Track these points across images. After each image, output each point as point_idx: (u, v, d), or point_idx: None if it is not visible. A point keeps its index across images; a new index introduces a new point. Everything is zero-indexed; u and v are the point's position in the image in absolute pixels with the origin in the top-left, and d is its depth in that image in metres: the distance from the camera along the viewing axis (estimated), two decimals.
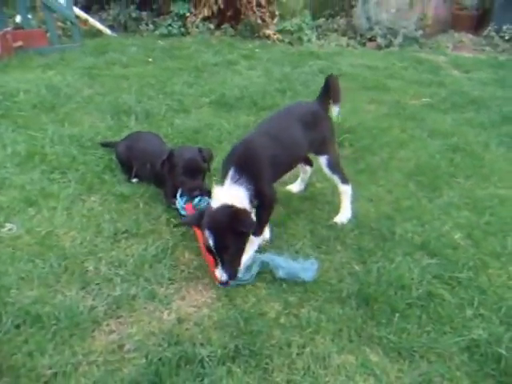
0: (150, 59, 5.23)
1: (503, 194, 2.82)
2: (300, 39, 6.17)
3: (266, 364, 1.62)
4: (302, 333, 1.75)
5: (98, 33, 6.09)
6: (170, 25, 6.26)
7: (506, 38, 6.56)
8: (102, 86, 4.28)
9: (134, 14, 6.37)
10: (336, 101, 2.43)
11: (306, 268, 2.03)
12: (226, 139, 3.26)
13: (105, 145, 3.07)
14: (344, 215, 2.46)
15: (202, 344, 1.68)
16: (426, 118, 3.93)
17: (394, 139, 3.47)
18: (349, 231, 2.36)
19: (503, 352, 1.68)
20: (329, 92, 2.41)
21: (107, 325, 1.76)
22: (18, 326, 1.71)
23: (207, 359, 1.61)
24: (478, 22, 6.97)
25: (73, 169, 2.80)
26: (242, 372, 1.58)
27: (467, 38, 6.68)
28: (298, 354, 1.66)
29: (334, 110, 2.44)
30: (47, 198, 2.52)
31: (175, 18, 6.32)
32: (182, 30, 6.31)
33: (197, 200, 2.38)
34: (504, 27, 6.61)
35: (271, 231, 2.30)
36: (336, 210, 2.51)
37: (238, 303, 1.89)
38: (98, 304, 1.83)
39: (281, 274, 2.00)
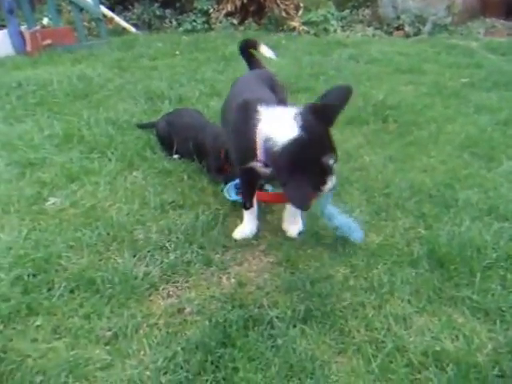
0: (177, 52, 5.19)
1: None
2: (326, 30, 6.07)
3: (342, 325, 1.48)
4: (376, 294, 1.60)
5: (123, 31, 6.11)
6: (193, 20, 6.25)
7: None
8: (133, 75, 4.24)
9: (157, 12, 6.39)
10: None
11: (356, 227, 1.89)
12: None
13: (142, 126, 3.00)
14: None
15: (268, 306, 1.55)
16: (469, 96, 3.76)
17: (439, 115, 3.31)
18: (407, 199, 2.21)
19: None
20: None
21: (164, 289, 1.65)
22: (72, 291, 1.62)
23: (277, 320, 1.48)
24: (509, 7, 6.76)
25: (112, 148, 2.72)
26: (317, 333, 1.44)
27: (499, 22, 6.48)
28: (374, 315, 1.51)
29: None
30: (89, 174, 2.44)
31: (199, 15, 6.31)
32: (206, 25, 6.29)
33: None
34: None
35: None
36: (389, 180, 2.36)
37: (300, 267, 1.76)
38: (152, 270, 1.73)
39: (336, 222, 1.85)
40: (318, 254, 1.84)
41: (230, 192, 2.21)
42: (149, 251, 1.84)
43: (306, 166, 1.48)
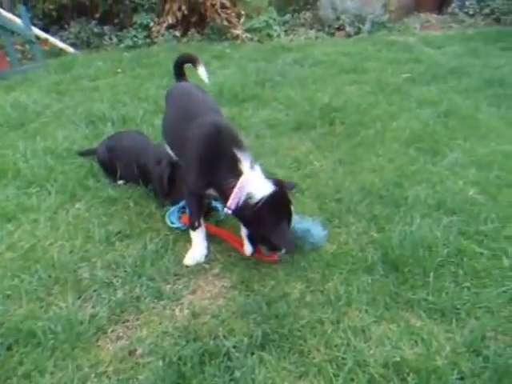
0: (119, 70, 5.03)
1: (506, 150, 2.73)
2: (269, 36, 6.10)
3: (301, 346, 1.43)
4: (333, 308, 1.57)
5: (61, 52, 5.87)
6: (134, 36, 6.09)
7: (471, 12, 6.65)
8: (72, 99, 4.06)
9: (95, 30, 6.19)
10: None
11: (317, 223, 1.92)
12: None
13: (84, 153, 2.85)
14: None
15: (224, 336, 1.47)
16: (411, 91, 3.86)
17: (383, 112, 3.37)
18: (358, 202, 2.21)
19: None
20: None
21: (113, 331, 1.54)
22: (9, 348, 1.47)
23: (233, 350, 1.41)
24: (441, 2, 7.05)
25: (51, 180, 2.56)
26: (276, 358, 1.38)
27: (432, 17, 6.74)
28: (333, 331, 1.48)
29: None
30: (26, 211, 2.28)
31: (139, 29, 6.16)
32: (148, 40, 6.15)
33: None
34: (467, 3, 6.71)
35: None
36: (340, 185, 2.36)
37: (255, 288, 1.70)
38: (99, 311, 1.61)
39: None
40: (272, 271, 1.79)
41: (172, 218, 2.13)
42: (95, 290, 1.72)
43: (284, 214, 1.70)
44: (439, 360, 1.36)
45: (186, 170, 1.92)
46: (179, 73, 2.43)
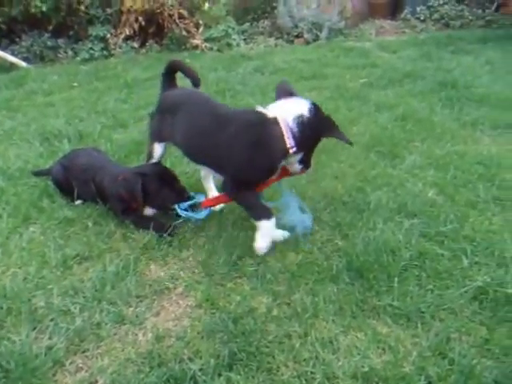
0: (75, 84, 4.88)
1: (460, 150, 2.82)
2: (229, 45, 6.09)
3: (269, 363, 1.40)
4: (300, 321, 1.55)
5: (12, 67, 5.63)
6: (91, 48, 5.93)
7: (422, 18, 6.90)
8: (25, 115, 3.89)
9: (49, 43, 5.97)
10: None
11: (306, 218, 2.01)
12: None
13: (38, 173, 2.72)
14: None
15: (190, 359, 1.42)
16: (369, 96, 3.94)
17: (343, 118, 3.40)
18: (322, 210, 2.21)
19: (511, 291, 1.58)
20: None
21: (71, 363, 1.46)
22: None
23: (200, 374, 1.36)
24: (394, 8, 7.29)
25: (2, 202, 2.43)
26: (244, 378, 1.35)
27: (386, 23, 6.96)
28: (301, 345, 1.45)
29: None
30: None
31: (95, 42, 6.01)
32: (105, 52, 6.01)
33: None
34: (418, 9, 6.95)
35: None
36: (304, 193, 2.36)
37: (221, 305, 1.65)
38: (56, 342, 1.52)
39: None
40: (238, 286, 1.75)
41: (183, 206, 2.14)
42: (51, 320, 1.63)
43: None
44: (407, 366, 1.36)
45: (231, 174, 1.91)
46: (170, 80, 2.28)
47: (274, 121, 1.80)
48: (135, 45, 6.17)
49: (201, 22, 6.18)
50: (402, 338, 1.46)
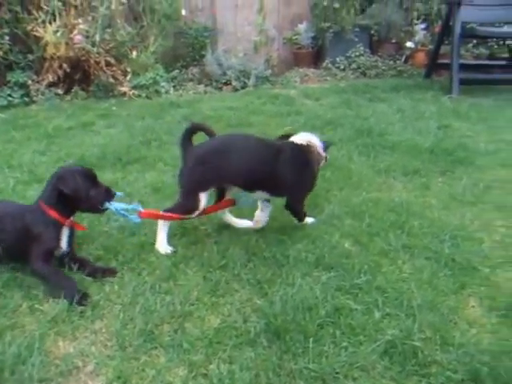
0: None
1: (375, 197, 3.00)
2: (157, 92, 6.11)
3: None
4: None
5: None
6: (9, 95, 5.66)
7: (341, 67, 7.44)
8: None
9: None
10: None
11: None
12: None
13: None
14: None
15: None
16: None
17: None
18: (243, 266, 2.21)
19: (417, 344, 1.66)
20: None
21: None
22: None
23: None
24: (317, 57, 7.80)
25: None
26: None
27: (310, 71, 7.40)
28: None
29: None
30: None
31: (15, 88, 5.75)
32: (26, 99, 5.76)
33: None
34: (337, 59, 7.50)
35: None
36: (225, 249, 2.35)
37: (134, 383, 1.56)
38: None
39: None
40: (153, 359, 1.67)
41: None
42: None
43: None
44: None
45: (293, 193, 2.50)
46: (190, 139, 2.45)
47: (310, 147, 2.51)
48: (59, 91, 5.99)
49: (129, 69, 6.17)
50: None
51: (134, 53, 6.20)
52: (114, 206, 2.28)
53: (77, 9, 5.86)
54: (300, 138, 2.54)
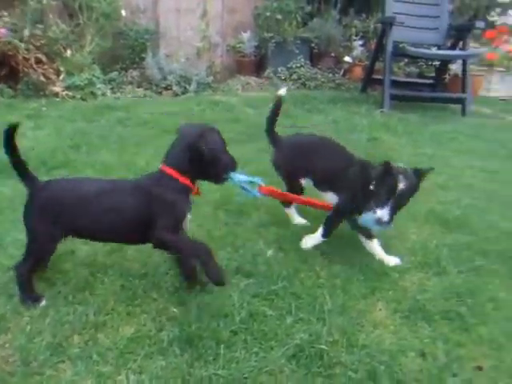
0: None
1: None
2: (93, 94, 5.91)
3: None
4: None
5: None
6: None
7: (282, 77, 7.63)
8: None
9: None
10: None
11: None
12: (8, 207, 2.76)
13: None
14: None
15: None
16: None
17: None
18: (163, 275, 2.20)
19: (324, 347, 1.74)
20: None
21: None
22: None
23: None
24: (259, 66, 7.95)
25: None
26: None
27: (252, 80, 7.52)
28: None
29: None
30: None
31: None
32: None
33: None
34: (279, 69, 7.69)
35: None
36: (146, 258, 2.33)
37: None
38: None
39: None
40: (60, 373, 1.61)
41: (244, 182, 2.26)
42: None
43: None
44: None
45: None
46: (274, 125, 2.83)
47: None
48: None
49: (62, 68, 5.92)
50: None
51: (69, 51, 5.98)
52: (237, 176, 2.16)
53: (2, 0, 5.53)
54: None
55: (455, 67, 7.44)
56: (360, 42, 8.17)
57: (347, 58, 8.06)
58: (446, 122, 5.92)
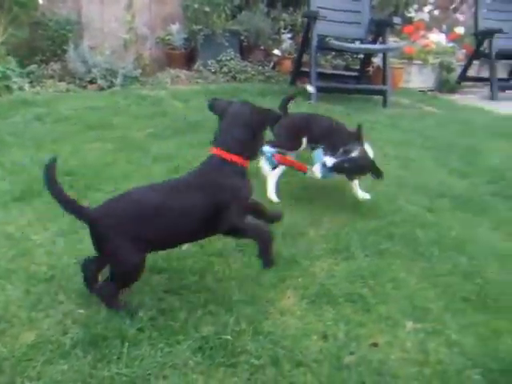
0: None
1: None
2: (8, 88, 5.52)
3: None
4: None
5: None
6: None
7: (212, 70, 7.59)
8: None
9: None
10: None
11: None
12: None
13: None
14: None
15: None
16: (150, 147, 4.07)
17: (119, 172, 3.43)
18: (73, 276, 2.14)
19: (229, 337, 1.80)
20: None
21: None
22: None
23: None
24: (189, 59, 7.84)
25: None
26: None
27: (182, 73, 7.40)
28: None
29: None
30: None
31: None
32: None
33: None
34: (209, 62, 7.64)
35: None
36: (56, 260, 2.26)
37: None
38: None
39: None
40: None
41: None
42: None
43: None
44: None
45: None
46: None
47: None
48: None
49: None
50: None
51: None
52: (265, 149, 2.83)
53: None
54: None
55: (378, 60, 7.82)
56: (288, 35, 8.31)
57: (276, 51, 8.17)
58: (368, 112, 6.22)
